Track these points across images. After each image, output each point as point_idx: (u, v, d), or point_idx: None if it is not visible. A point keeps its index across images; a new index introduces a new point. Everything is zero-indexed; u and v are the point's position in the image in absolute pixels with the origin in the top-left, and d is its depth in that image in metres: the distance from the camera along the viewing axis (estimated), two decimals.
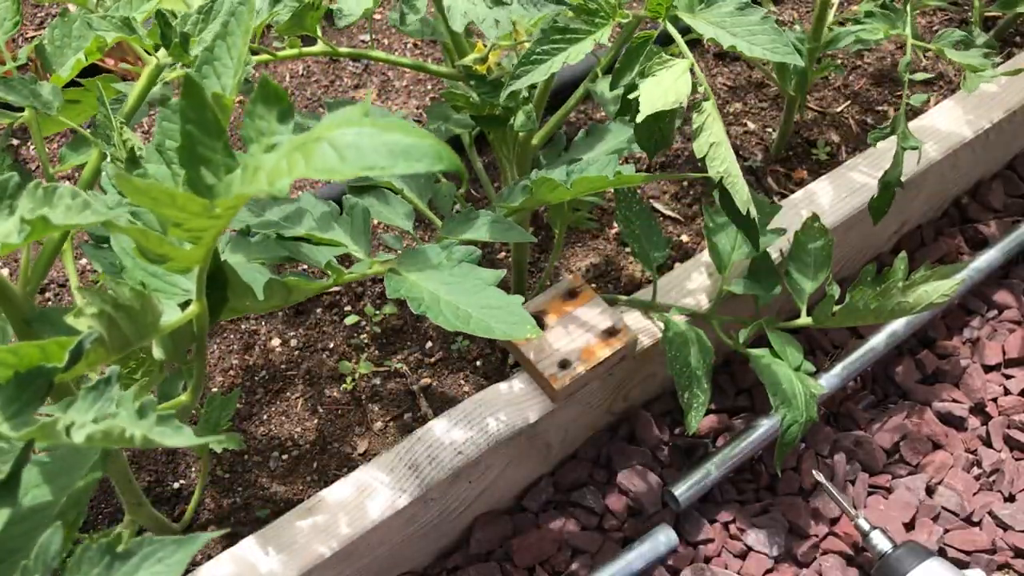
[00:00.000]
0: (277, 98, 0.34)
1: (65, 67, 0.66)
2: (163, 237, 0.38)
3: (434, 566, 0.85)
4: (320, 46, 0.74)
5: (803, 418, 0.79)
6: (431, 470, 0.77)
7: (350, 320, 0.96)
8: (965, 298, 1.03)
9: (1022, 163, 1.15)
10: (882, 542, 0.81)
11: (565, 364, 0.81)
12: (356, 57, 0.76)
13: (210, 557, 0.76)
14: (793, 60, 0.66)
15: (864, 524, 0.83)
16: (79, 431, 0.34)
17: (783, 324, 0.85)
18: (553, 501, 0.88)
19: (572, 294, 0.86)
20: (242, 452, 0.88)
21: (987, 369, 0.98)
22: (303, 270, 0.98)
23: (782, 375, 0.81)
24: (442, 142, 0.28)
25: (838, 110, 1.17)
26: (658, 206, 1.07)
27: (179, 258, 0.40)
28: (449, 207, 0.90)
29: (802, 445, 0.91)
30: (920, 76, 1.06)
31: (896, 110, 1.17)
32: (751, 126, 1.15)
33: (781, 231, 0.86)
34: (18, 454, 0.36)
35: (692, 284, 0.90)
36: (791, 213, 0.96)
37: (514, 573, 0.83)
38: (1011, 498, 0.89)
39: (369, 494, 0.77)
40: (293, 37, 0.73)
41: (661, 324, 0.83)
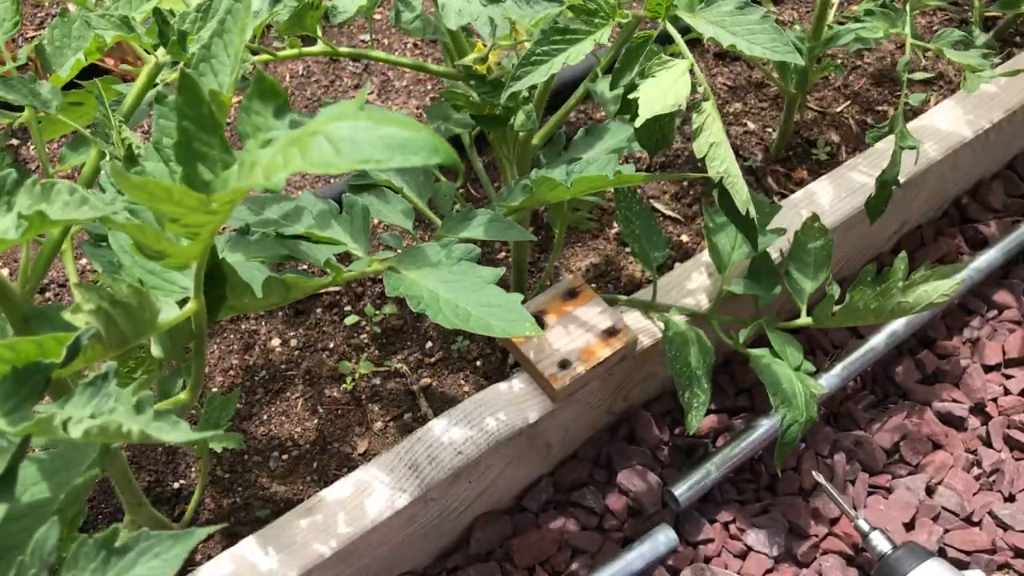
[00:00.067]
0: (273, 93, 0.34)
1: (65, 67, 0.66)
2: (161, 233, 0.38)
3: (434, 566, 0.85)
4: (320, 46, 0.74)
5: (803, 418, 0.79)
6: (431, 470, 0.77)
7: (350, 320, 0.96)
8: (965, 298, 1.03)
9: (1022, 163, 1.15)
10: (882, 542, 0.81)
11: (565, 364, 0.81)
12: (356, 57, 0.76)
13: (210, 557, 0.76)
14: (793, 59, 0.66)
15: (864, 524, 0.83)
16: (76, 426, 0.34)
17: (783, 324, 0.85)
18: (553, 501, 0.88)
19: (572, 294, 0.85)
20: (242, 452, 0.88)
21: (987, 369, 0.98)
22: (302, 268, 0.98)
23: (782, 375, 0.81)
24: (438, 135, 0.28)
25: (838, 110, 1.17)
26: (658, 206, 1.07)
27: (177, 254, 0.40)
28: (449, 206, 0.90)
29: (802, 445, 0.91)
30: (920, 76, 1.06)
31: (896, 110, 1.17)
32: (751, 126, 1.15)
33: (781, 231, 0.86)
34: (15, 449, 0.36)
35: (692, 284, 0.90)
36: (791, 213, 0.95)
37: (514, 573, 0.83)
38: (1011, 498, 0.89)
39: (369, 494, 0.77)
40: (293, 37, 0.73)
41: (661, 324, 0.83)
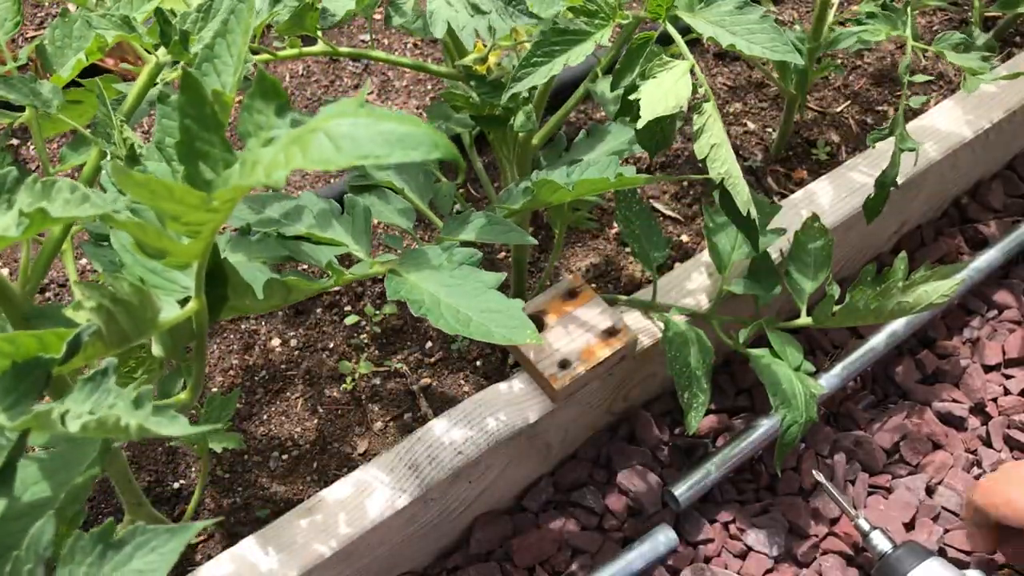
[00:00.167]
0: (274, 92, 0.34)
1: (66, 67, 0.66)
2: (162, 231, 0.38)
3: (434, 566, 0.85)
4: (320, 46, 0.74)
5: (803, 418, 0.79)
6: (431, 470, 0.77)
7: (350, 320, 0.97)
8: (965, 298, 1.03)
9: (1022, 163, 1.15)
10: (882, 542, 0.81)
11: (565, 364, 0.81)
12: (356, 57, 0.76)
13: (210, 557, 0.76)
14: (792, 59, 0.67)
15: (864, 524, 0.83)
16: (74, 420, 0.34)
17: (783, 324, 0.85)
18: (553, 501, 0.88)
19: (572, 294, 0.85)
20: (242, 452, 0.88)
21: (987, 369, 0.98)
22: (303, 269, 0.98)
23: (782, 375, 0.81)
24: (438, 131, 0.28)
25: (838, 110, 1.17)
26: (658, 206, 1.07)
27: (178, 253, 0.40)
28: (449, 207, 0.90)
29: (802, 445, 0.91)
30: (920, 78, 1.06)
31: (896, 110, 1.17)
32: (751, 126, 1.15)
33: (781, 231, 0.86)
34: (12, 446, 0.36)
35: (692, 284, 0.90)
36: (791, 213, 0.96)
37: (514, 573, 0.83)
38: None
39: (369, 494, 0.77)
40: (293, 37, 0.73)
41: (661, 324, 0.83)
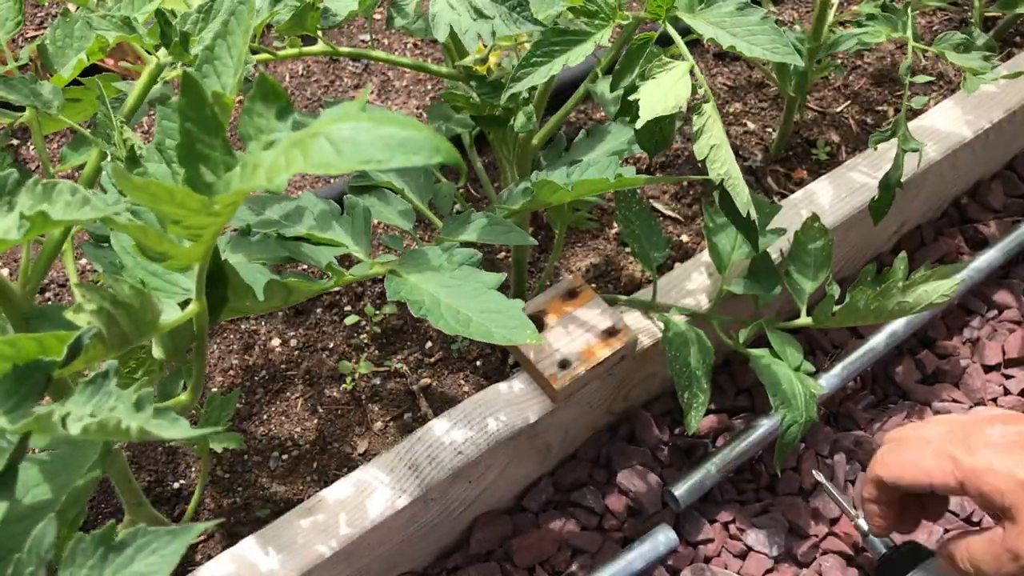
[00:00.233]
0: (275, 95, 0.34)
1: (67, 67, 0.66)
2: (163, 234, 0.38)
3: (434, 566, 0.85)
4: (320, 46, 0.74)
5: (803, 418, 0.79)
6: (431, 470, 0.77)
7: (350, 320, 0.97)
8: (965, 298, 1.03)
9: (1022, 163, 1.15)
10: (882, 542, 0.81)
11: (565, 364, 0.81)
12: (356, 57, 0.76)
13: (210, 557, 0.76)
14: (793, 60, 0.66)
15: (864, 524, 0.83)
16: (75, 423, 0.34)
17: (783, 324, 0.85)
18: (553, 501, 0.88)
19: (572, 294, 0.85)
20: (242, 452, 0.88)
21: (987, 369, 0.98)
22: (303, 269, 0.98)
23: (782, 375, 0.81)
24: (439, 135, 0.28)
25: (838, 110, 1.17)
26: (658, 206, 1.07)
27: (179, 256, 0.40)
28: (449, 207, 0.90)
29: (802, 445, 0.91)
30: (921, 78, 1.06)
31: (896, 110, 1.17)
32: (751, 126, 1.15)
33: (781, 231, 0.86)
34: (14, 448, 0.37)
35: (692, 284, 0.90)
36: (791, 213, 0.96)
37: (514, 573, 0.83)
38: None
39: (369, 494, 0.77)
40: (293, 37, 0.73)
41: (661, 324, 0.83)
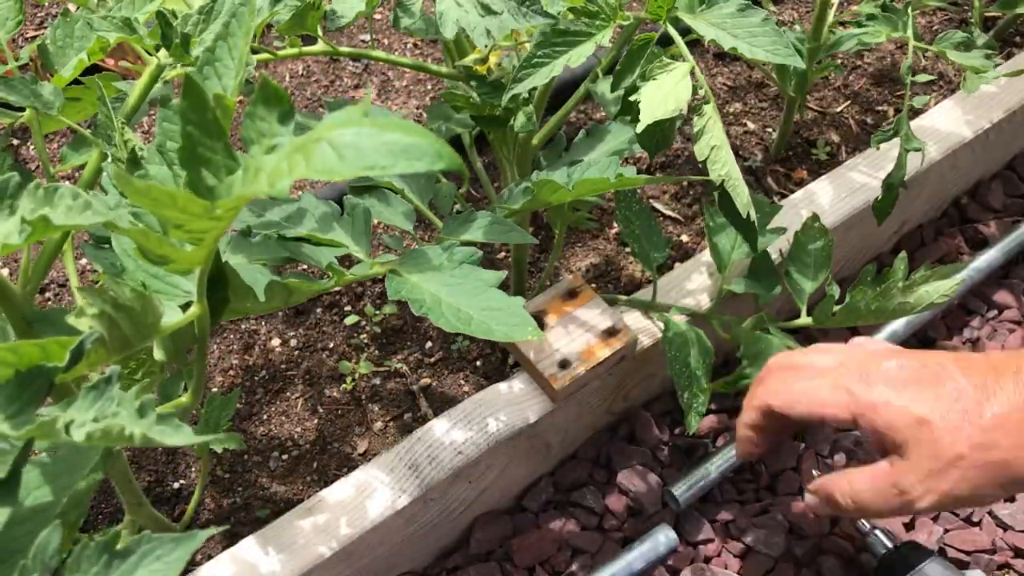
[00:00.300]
0: (278, 99, 0.34)
1: (67, 67, 0.66)
2: (164, 238, 0.38)
3: (434, 566, 0.85)
4: (320, 46, 0.74)
5: None
6: (431, 470, 0.77)
7: (350, 320, 0.97)
8: (965, 298, 1.03)
9: (1022, 163, 1.15)
10: (882, 542, 0.81)
11: (565, 364, 0.81)
12: (356, 57, 0.76)
13: (210, 557, 0.76)
14: (794, 62, 0.66)
15: (864, 524, 0.83)
16: (79, 429, 0.34)
17: (783, 324, 0.85)
18: (553, 501, 0.88)
19: (572, 294, 0.86)
20: (242, 452, 0.88)
21: None
22: (303, 269, 0.98)
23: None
24: (442, 141, 0.28)
25: (838, 110, 1.17)
26: (658, 206, 1.07)
27: (180, 259, 0.40)
28: (449, 207, 0.90)
29: (802, 445, 0.91)
30: (923, 78, 1.06)
31: (896, 110, 1.17)
32: (751, 126, 1.15)
33: (781, 230, 0.86)
34: (18, 453, 0.37)
35: (692, 284, 0.90)
36: (791, 213, 0.96)
37: (514, 573, 0.83)
38: (1011, 498, 0.89)
39: (369, 494, 0.77)
40: (293, 36, 0.73)
41: (661, 324, 0.83)
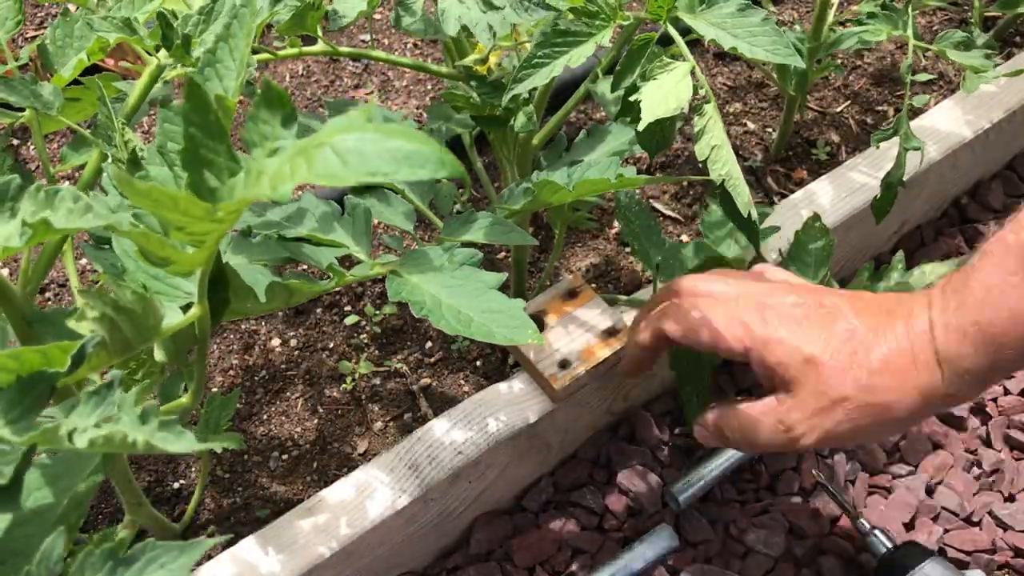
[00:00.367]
0: (280, 102, 0.34)
1: (67, 67, 0.66)
2: (165, 240, 0.38)
3: (434, 566, 0.85)
4: (320, 46, 0.74)
5: None
6: (431, 470, 0.77)
7: (350, 320, 0.97)
8: None
9: (1022, 163, 1.15)
10: (882, 542, 0.81)
11: (565, 364, 0.81)
12: (356, 57, 0.76)
13: (210, 557, 0.76)
14: (794, 62, 0.66)
15: (864, 524, 0.83)
16: (81, 436, 0.34)
17: None
18: (553, 501, 0.88)
19: (572, 294, 0.85)
20: (242, 452, 0.88)
21: None
22: (303, 269, 0.98)
23: None
24: (445, 148, 0.28)
25: (838, 110, 1.17)
26: (658, 206, 1.07)
27: (181, 261, 0.40)
28: (450, 207, 0.90)
29: None
30: (922, 77, 1.06)
31: (896, 110, 1.17)
32: (751, 126, 1.15)
33: (775, 228, 0.86)
34: (20, 458, 0.37)
35: None
36: (791, 213, 0.96)
37: (514, 573, 0.83)
38: (1011, 498, 0.89)
39: (369, 494, 0.77)
40: (293, 36, 0.73)
41: None
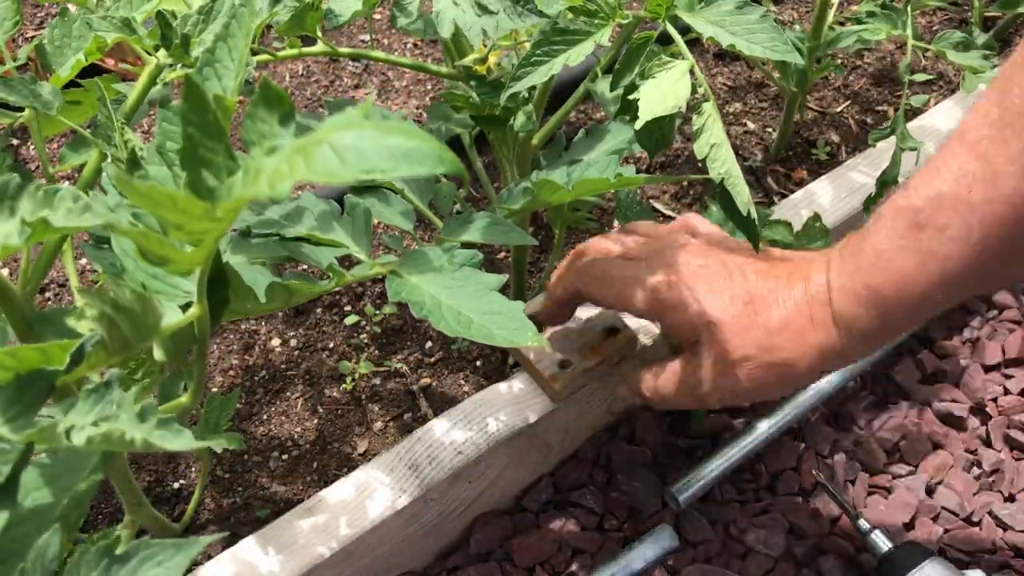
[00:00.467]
0: (279, 101, 0.34)
1: (65, 67, 0.66)
2: (164, 239, 0.38)
3: (434, 566, 0.85)
4: (320, 46, 0.74)
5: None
6: (431, 470, 0.77)
7: (350, 320, 0.97)
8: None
9: None
10: (882, 542, 0.81)
11: (565, 364, 0.81)
12: (356, 57, 0.76)
13: (210, 557, 0.76)
14: (792, 59, 0.66)
15: (864, 524, 0.83)
16: (79, 434, 0.34)
17: None
18: (553, 501, 0.88)
19: None
20: (242, 452, 0.88)
21: (987, 369, 0.98)
22: (303, 269, 0.98)
23: None
24: (443, 145, 0.28)
25: (838, 110, 1.17)
26: (658, 206, 1.07)
27: (180, 260, 0.40)
28: (449, 207, 0.90)
29: (802, 445, 0.91)
30: (921, 77, 1.06)
31: (896, 110, 1.17)
32: (751, 126, 1.15)
33: (786, 223, 0.86)
34: (17, 457, 0.36)
35: None
36: (791, 213, 0.96)
37: (514, 573, 0.83)
38: (1011, 498, 0.89)
39: (369, 494, 0.77)
40: (293, 37, 0.73)
41: None
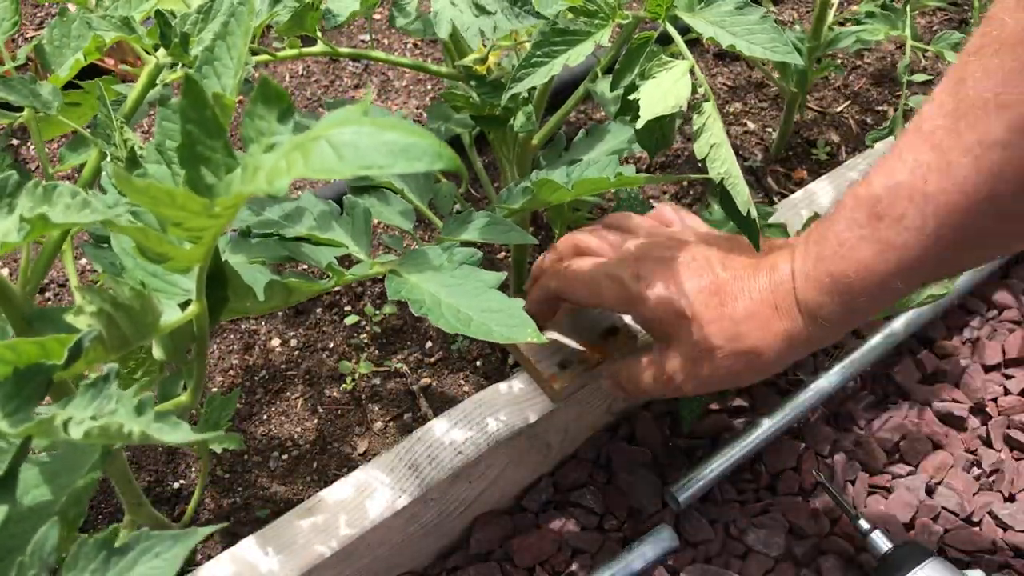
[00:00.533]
0: (277, 98, 0.34)
1: (64, 67, 0.66)
2: (163, 236, 0.38)
3: (434, 566, 0.85)
4: (320, 46, 0.74)
5: None
6: (431, 470, 0.77)
7: (350, 320, 0.97)
8: (965, 298, 1.03)
9: None
10: (882, 542, 0.81)
11: (565, 364, 0.81)
12: (356, 57, 0.76)
13: (210, 557, 0.76)
14: (792, 59, 0.66)
15: (864, 524, 0.83)
16: (77, 427, 0.34)
17: None
18: (553, 501, 0.88)
19: None
20: (242, 452, 0.88)
21: (987, 369, 0.98)
22: (303, 269, 0.98)
23: None
24: (441, 141, 0.28)
25: (838, 110, 1.17)
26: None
27: (179, 257, 0.40)
28: (449, 207, 0.90)
29: (802, 445, 0.91)
30: (920, 77, 1.06)
31: (896, 110, 1.17)
32: (751, 126, 1.15)
33: (780, 227, 0.86)
34: (16, 451, 0.37)
35: None
36: (791, 213, 0.96)
37: (514, 573, 0.83)
38: (1011, 498, 0.89)
39: (369, 494, 0.77)
40: (293, 37, 0.73)
41: None
